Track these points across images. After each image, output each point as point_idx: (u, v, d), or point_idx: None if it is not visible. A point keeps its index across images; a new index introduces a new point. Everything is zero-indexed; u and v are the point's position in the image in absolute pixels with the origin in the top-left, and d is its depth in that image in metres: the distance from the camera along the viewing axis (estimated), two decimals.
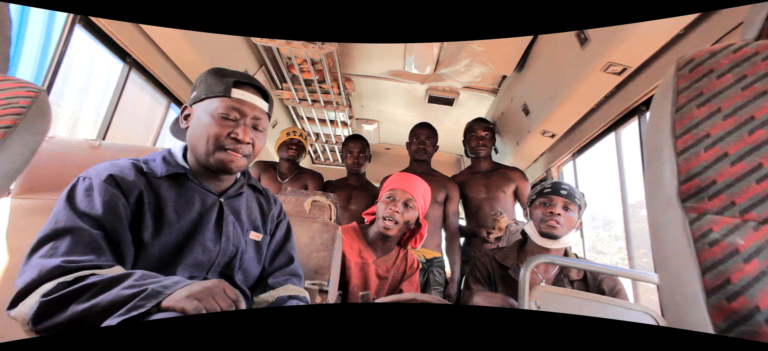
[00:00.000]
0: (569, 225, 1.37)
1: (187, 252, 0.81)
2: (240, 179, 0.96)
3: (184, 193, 0.85)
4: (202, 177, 0.88)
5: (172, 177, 0.85)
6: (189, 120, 0.88)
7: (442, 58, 2.30)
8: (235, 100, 0.85)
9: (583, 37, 1.64)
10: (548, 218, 1.36)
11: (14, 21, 0.74)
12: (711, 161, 0.39)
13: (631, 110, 1.77)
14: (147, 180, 0.83)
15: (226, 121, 0.84)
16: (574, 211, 1.38)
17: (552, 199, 1.38)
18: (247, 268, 0.92)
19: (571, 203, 1.38)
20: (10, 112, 0.61)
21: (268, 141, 1.14)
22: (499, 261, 1.47)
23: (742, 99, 0.40)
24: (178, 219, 0.82)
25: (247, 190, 0.97)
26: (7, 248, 0.97)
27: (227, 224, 0.88)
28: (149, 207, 0.80)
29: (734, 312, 0.34)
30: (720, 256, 0.36)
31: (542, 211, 1.39)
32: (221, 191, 0.91)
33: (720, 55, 0.43)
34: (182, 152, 0.91)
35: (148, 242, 0.78)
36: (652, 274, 1.17)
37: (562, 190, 1.40)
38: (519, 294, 1.13)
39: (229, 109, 0.84)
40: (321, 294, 1.17)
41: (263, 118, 0.90)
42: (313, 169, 2.64)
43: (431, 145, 2.32)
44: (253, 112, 0.87)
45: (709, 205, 0.38)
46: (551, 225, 1.35)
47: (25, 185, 1.08)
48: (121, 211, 0.76)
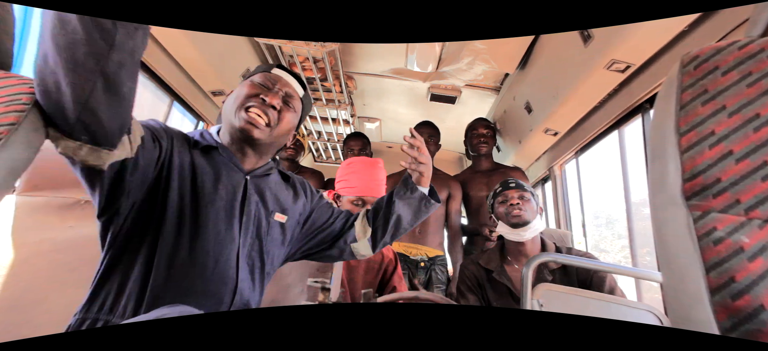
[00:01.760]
0: (531, 210, 1.48)
1: (210, 224, 0.81)
2: (270, 163, 0.97)
3: (214, 166, 0.87)
4: (233, 153, 0.90)
5: (205, 150, 0.88)
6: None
7: (444, 56, 2.30)
8: (272, 74, 0.91)
9: (586, 34, 1.63)
10: (510, 209, 1.48)
11: (18, 18, 0.74)
12: (715, 159, 0.39)
13: (634, 108, 1.76)
14: (189, 146, 0.86)
15: (258, 86, 0.88)
16: (529, 198, 1.51)
17: (507, 193, 1.52)
18: (270, 249, 0.92)
19: (524, 192, 1.51)
20: (14, 109, 0.61)
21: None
22: (483, 265, 1.54)
23: (747, 96, 0.40)
24: (207, 189, 0.83)
25: (275, 175, 0.99)
26: (12, 245, 0.97)
27: (250, 203, 0.89)
28: (184, 170, 0.82)
29: (739, 310, 0.34)
30: (724, 255, 0.36)
31: (504, 207, 1.51)
32: (249, 170, 0.92)
33: (725, 52, 0.42)
34: (216, 131, 0.94)
35: (176, 203, 0.79)
36: (656, 273, 1.16)
37: (510, 183, 1.55)
38: (521, 293, 1.12)
39: (264, 78, 0.89)
40: (323, 292, 1.18)
41: (296, 98, 0.93)
42: (314, 167, 2.65)
43: (433, 144, 2.33)
44: (286, 87, 0.91)
45: (714, 203, 0.38)
46: (516, 213, 1.46)
47: (29, 183, 1.08)
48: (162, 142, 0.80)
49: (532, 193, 1.54)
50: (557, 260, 1.32)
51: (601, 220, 3.04)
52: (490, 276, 1.50)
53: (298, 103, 0.94)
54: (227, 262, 0.82)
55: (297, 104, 0.93)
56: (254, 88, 0.87)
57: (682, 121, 0.41)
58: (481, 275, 1.53)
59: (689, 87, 0.42)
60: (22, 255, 0.97)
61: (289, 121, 0.91)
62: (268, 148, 0.92)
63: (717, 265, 0.36)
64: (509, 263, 1.52)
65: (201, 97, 2.31)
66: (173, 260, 0.76)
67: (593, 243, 2.69)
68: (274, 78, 0.90)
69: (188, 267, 0.77)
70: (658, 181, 0.42)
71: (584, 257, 1.39)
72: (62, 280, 0.96)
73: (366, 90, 2.81)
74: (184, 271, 0.77)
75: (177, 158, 0.81)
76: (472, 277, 1.54)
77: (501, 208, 1.52)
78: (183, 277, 0.77)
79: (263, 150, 0.92)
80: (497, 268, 1.50)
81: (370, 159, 1.59)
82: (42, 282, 0.95)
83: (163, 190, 0.78)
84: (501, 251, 1.56)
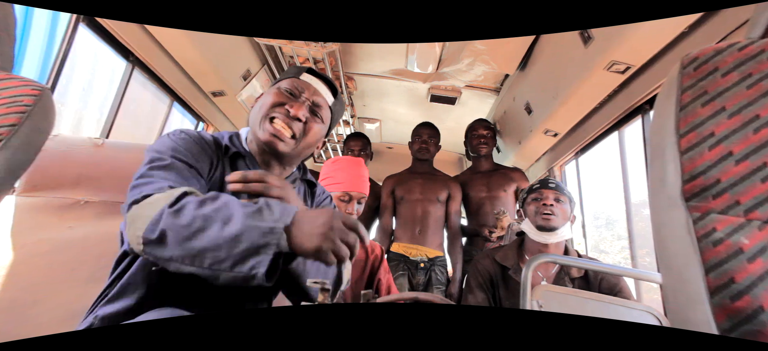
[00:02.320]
0: (563, 216, 1.41)
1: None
2: (294, 173, 0.94)
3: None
4: (259, 164, 0.87)
5: (234, 157, 0.85)
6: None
7: (444, 57, 2.30)
8: (300, 80, 0.86)
9: (586, 35, 1.64)
10: (542, 209, 1.40)
11: (19, 20, 0.74)
12: (715, 160, 0.39)
13: (634, 109, 1.76)
14: (220, 154, 0.83)
15: (284, 94, 0.83)
16: (565, 202, 1.43)
17: (542, 192, 1.43)
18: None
19: (561, 195, 1.43)
20: (15, 110, 0.61)
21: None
22: (499, 261, 1.48)
23: (747, 97, 0.40)
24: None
25: (299, 185, 0.95)
26: (11, 245, 0.97)
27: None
28: (216, 181, 0.80)
29: (738, 311, 0.34)
30: (724, 256, 0.36)
31: (535, 206, 1.43)
32: None
33: (725, 53, 0.42)
34: (246, 136, 0.90)
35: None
36: (655, 274, 1.16)
37: (550, 183, 1.46)
38: (521, 294, 1.12)
39: (291, 85, 0.84)
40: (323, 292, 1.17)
41: (324, 107, 0.87)
42: (313, 168, 2.65)
43: (433, 145, 2.33)
44: (314, 96, 0.85)
45: (713, 204, 0.38)
46: (546, 216, 1.39)
47: (29, 183, 1.08)
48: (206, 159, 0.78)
49: (570, 199, 1.45)
50: (557, 261, 1.32)
51: (600, 221, 3.04)
52: (506, 273, 1.44)
53: (327, 112, 0.88)
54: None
55: (325, 114, 0.88)
56: (280, 97, 0.83)
57: (682, 123, 0.41)
58: (495, 271, 1.47)
59: (689, 88, 0.42)
60: (22, 255, 0.97)
61: (316, 133, 0.86)
62: (294, 159, 0.89)
63: (716, 266, 0.36)
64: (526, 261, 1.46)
65: (201, 97, 2.31)
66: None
67: (593, 244, 2.69)
68: (301, 85, 0.85)
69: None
70: (658, 182, 0.42)
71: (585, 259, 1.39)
72: (62, 280, 0.96)
73: (366, 91, 2.81)
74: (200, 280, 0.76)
75: (213, 174, 0.80)
76: (485, 273, 1.48)
77: (532, 206, 1.44)
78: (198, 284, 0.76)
79: (288, 161, 0.89)
80: (514, 265, 1.44)
81: (353, 158, 1.62)
82: (41, 282, 0.95)
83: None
84: (519, 248, 1.49)
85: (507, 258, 1.47)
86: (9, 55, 0.73)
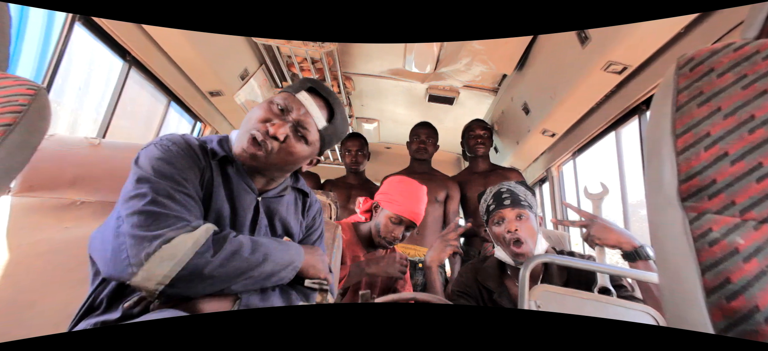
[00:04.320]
0: (531, 232, 1.26)
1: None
2: (286, 181, 0.93)
3: (228, 183, 0.83)
4: (247, 172, 0.85)
5: (223, 162, 0.84)
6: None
7: (442, 57, 2.30)
8: (294, 97, 0.83)
9: (583, 36, 1.64)
10: (508, 237, 1.26)
11: (14, 19, 0.74)
12: (711, 160, 0.39)
13: (631, 109, 1.77)
14: (208, 159, 0.82)
15: (273, 110, 0.82)
16: (527, 216, 1.27)
17: (501, 214, 1.29)
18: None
19: (520, 209, 1.27)
20: (10, 110, 0.61)
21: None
22: (481, 283, 1.37)
23: (742, 98, 0.40)
24: (220, 207, 0.80)
25: (290, 193, 0.94)
26: (7, 246, 0.97)
27: (260, 228, 0.86)
28: (205, 186, 0.79)
29: (734, 311, 0.34)
30: (720, 256, 0.36)
31: (499, 231, 1.29)
32: (261, 190, 0.88)
33: (720, 54, 0.42)
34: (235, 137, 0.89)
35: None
36: (652, 274, 1.17)
37: (504, 200, 1.29)
38: (519, 294, 1.12)
39: (283, 101, 0.82)
40: (321, 293, 1.17)
41: (312, 129, 0.84)
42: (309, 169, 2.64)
43: (432, 145, 2.33)
44: (303, 116, 0.83)
45: (709, 205, 0.38)
46: (518, 252, 1.25)
47: (24, 183, 1.08)
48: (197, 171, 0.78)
49: (530, 205, 1.30)
50: (555, 262, 1.31)
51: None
52: (491, 297, 1.34)
53: (315, 134, 0.85)
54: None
55: (312, 135, 0.84)
56: (266, 113, 0.81)
57: (678, 123, 0.42)
58: (479, 290, 1.37)
59: (685, 89, 0.43)
60: (18, 256, 0.97)
61: (297, 153, 0.84)
62: (276, 172, 0.87)
63: (712, 266, 0.36)
64: (510, 278, 1.37)
65: (198, 97, 2.30)
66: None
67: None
68: (292, 104, 0.83)
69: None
70: (655, 183, 0.43)
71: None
72: (58, 282, 0.95)
73: (364, 91, 2.82)
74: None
75: (203, 180, 0.79)
76: (465, 288, 1.39)
77: (495, 229, 1.31)
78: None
79: (270, 174, 0.87)
80: (497, 288, 1.34)
81: (421, 185, 1.62)
82: (38, 283, 0.95)
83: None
84: (499, 269, 1.38)
85: (488, 278, 1.37)
86: (4, 55, 0.73)
